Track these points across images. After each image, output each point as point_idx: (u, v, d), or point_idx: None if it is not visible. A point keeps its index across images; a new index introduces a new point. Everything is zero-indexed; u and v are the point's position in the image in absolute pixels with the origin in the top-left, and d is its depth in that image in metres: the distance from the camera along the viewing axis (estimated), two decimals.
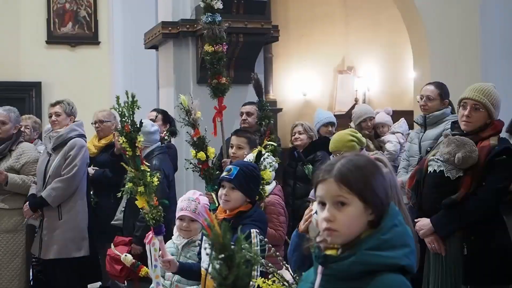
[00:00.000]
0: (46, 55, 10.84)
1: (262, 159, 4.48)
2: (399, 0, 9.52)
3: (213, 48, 5.50)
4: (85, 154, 5.58)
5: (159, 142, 5.52)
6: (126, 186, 3.75)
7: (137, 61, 10.12)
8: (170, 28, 6.86)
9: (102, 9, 11.00)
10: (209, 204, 4.36)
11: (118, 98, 3.63)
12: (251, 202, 3.74)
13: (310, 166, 6.16)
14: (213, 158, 5.18)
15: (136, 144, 3.65)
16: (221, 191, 3.68)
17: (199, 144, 5.10)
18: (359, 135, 4.88)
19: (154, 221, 3.74)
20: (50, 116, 5.67)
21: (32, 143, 6.51)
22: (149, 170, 3.76)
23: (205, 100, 5.62)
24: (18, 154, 5.69)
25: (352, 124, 6.90)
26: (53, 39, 10.88)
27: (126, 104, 3.61)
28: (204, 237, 3.78)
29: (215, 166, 5.18)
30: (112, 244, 5.10)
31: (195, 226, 4.11)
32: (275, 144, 5.12)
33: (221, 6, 5.60)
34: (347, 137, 4.79)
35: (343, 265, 1.90)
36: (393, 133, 6.87)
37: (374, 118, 6.84)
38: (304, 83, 13.94)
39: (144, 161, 3.76)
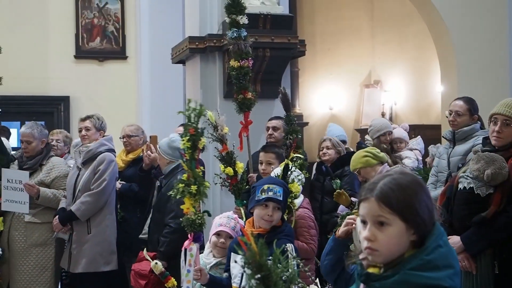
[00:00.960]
0: (74, 70, 10.96)
1: (289, 172, 4.49)
2: (426, 14, 9.50)
3: (238, 63, 5.51)
4: (114, 169, 5.61)
5: None
6: (177, 187, 3.83)
7: (164, 75, 10.21)
8: (197, 43, 6.89)
9: (129, 24, 11.11)
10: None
11: (189, 101, 3.77)
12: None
13: (338, 181, 6.12)
14: (242, 173, 5.18)
15: (199, 146, 3.77)
16: (264, 211, 3.69)
17: (227, 159, 5.12)
18: (375, 150, 4.90)
19: (195, 227, 3.78)
20: (80, 131, 5.72)
21: (62, 157, 6.58)
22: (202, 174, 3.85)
23: (232, 114, 5.64)
24: (49, 168, 5.74)
25: (368, 137, 6.87)
26: (81, 53, 11.00)
27: (194, 110, 3.75)
28: (232, 253, 3.78)
29: (244, 181, 5.19)
30: (144, 251, 5.08)
31: None
32: (302, 157, 5.12)
33: (246, 22, 5.62)
34: (361, 154, 4.84)
35: (385, 284, 1.88)
36: (411, 149, 6.83)
37: (392, 132, 6.81)
38: (330, 97, 13.92)
39: (199, 166, 3.84)
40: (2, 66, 5.58)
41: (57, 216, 5.54)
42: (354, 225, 2.74)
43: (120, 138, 6.46)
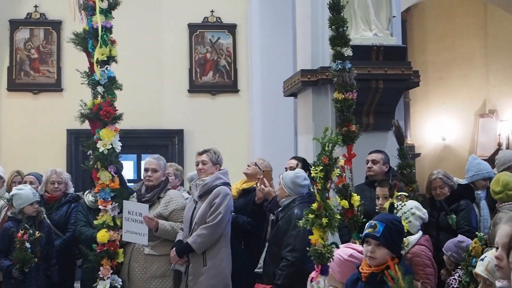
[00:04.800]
0: (188, 104, 11.23)
1: (395, 211, 4.39)
2: None
3: (343, 96, 5.50)
4: (230, 202, 5.67)
5: None
6: (306, 217, 3.83)
7: (275, 108, 10.30)
8: (309, 76, 6.93)
9: (241, 58, 11.31)
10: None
11: (326, 129, 3.78)
12: (397, 256, 3.68)
13: (454, 216, 5.93)
14: (358, 205, 5.13)
15: (331, 177, 3.75)
16: (366, 247, 3.63)
17: (343, 191, 5.08)
18: None
19: (323, 260, 3.77)
20: (197, 164, 5.83)
21: (175, 189, 6.71)
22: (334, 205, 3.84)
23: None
24: (166, 201, 5.88)
25: (495, 170, 6.62)
26: (194, 88, 11.27)
27: (329, 139, 3.76)
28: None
29: (360, 213, 5.13)
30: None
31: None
32: (406, 194, 5.02)
33: (350, 54, 5.61)
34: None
35: None
36: None
37: None
38: (443, 127, 13.63)
39: (329, 196, 3.83)
40: (121, 101, 5.79)
41: (174, 248, 5.64)
42: None
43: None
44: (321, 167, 3.78)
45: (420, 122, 13.76)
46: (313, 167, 3.91)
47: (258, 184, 5.96)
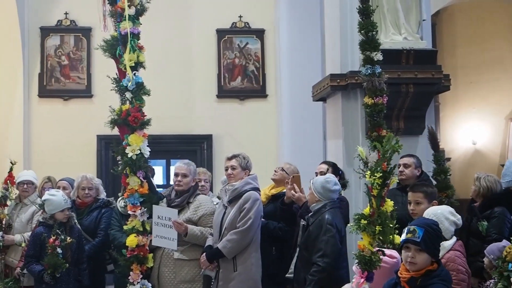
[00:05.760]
0: (216, 109, 11.26)
1: None
2: None
3: (373, 101, 5.45)
4: (259, 207, 5.66)
5: None
6: (357, 222, 3.82)
7: (303, 113, 10.29)
8: (338, 80, 6.90)
9: (269, 63, 11.31)
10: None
11: (389, 136, 3.77)
12: (436, 261, 3.64)
13: (485, 223, 5.84)
14: (391, 211, 5.09)
15: (389, 183, 3.74)
16: (406, 253, 3.60)
17: None
18: None
19: (371, 266, 3.76)
20: (226, 169, 5.84)
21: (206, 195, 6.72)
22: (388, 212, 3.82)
23: None
24: (196, 206, 5.88)
25: None
26: (223, 93, 11.29)
27: (390, 145, 3.75)
28: None
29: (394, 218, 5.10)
30: None
31: None
32: None
33: (380, 58, 5.56)
34: None
35: None
36: None
37: None
38: (473, 131, 13.49)
39: (383, 203, 3.82)
40: (150, 107, 5.81)
41: (204, 253, 5.64)
42: None
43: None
44: (380, 174, 3.75)
45: (450, 126, 13.64)
46: (369, 173, 3.87)
47: (288, 183, 5.93)
